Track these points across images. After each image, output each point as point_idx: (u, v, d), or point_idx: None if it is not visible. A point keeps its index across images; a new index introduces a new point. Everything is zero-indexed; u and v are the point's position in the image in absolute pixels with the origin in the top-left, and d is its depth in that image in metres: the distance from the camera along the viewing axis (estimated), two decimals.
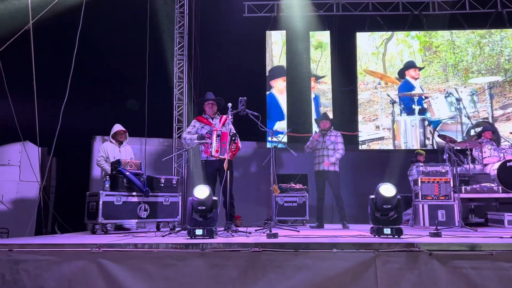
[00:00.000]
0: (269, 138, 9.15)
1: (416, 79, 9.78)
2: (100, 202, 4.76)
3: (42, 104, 6.14)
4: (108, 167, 5.82)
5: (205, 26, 9.76)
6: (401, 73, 9.87)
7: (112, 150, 5.97)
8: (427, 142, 9.52)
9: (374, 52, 10.03)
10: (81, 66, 6.10)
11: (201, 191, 3.87)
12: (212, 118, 5.40)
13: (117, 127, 6.06)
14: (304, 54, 10.07)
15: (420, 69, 9.81)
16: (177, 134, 9.16)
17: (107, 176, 5.06)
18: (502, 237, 3.65)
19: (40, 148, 7.62)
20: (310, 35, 10.10)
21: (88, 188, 9.28)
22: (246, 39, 9.85)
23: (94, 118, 8.68)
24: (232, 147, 4.81)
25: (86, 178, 9.35)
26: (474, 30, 9.84)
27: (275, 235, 3.65)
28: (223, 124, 5.25)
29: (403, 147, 9.53)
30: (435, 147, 9.25)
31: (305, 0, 9.81)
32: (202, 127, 5.32)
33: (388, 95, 9.79)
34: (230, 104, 4.82)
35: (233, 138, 4.78)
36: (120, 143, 6.03)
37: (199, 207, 3.87)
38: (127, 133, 6.08)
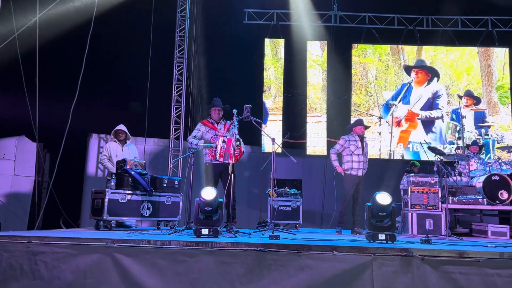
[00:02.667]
0: (266, 139, 9.40)
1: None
2: (106, 200, 4.92)
3: (42, 101, 6.27)
4: (110, 166, 5.98)
5: (205, 30, 9.98)
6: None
7: (114, 149, 6.13)
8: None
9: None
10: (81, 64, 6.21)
11: (209, 193, 4.07)
12: (217, 123, 5.62)
13: (118, 127, 6.22)
14: (300, 63, 10.37)
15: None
16: (174, 135, 9.34)
17: (113, 175, 5.22)
18: (487, 246, 3.93)
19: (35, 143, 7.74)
20: (308, 44, 10.38)
21: (82, 185, 9.40)
22: (245, 45, 10.10)
23: (91, 116, 8.80)
24: (236, 152, 5.02)
25: (81, 175, 9.46)
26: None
27: (278, 237, 3.87)
28: (228, 130, 5.46)
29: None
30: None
31: (304, 11, 10.11)
32: (207, 131, 5.54)
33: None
34: (235, 111, 5.04)
35: (237, 143, 5.00)
36: (122, 142, 6.19)
37: (205, 208, 4.08)
38: (127, 134, 6.22)
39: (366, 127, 6.57)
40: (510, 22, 10.10)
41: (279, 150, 6.40)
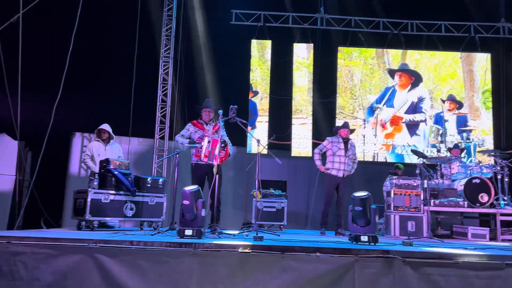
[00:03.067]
0: (252, 140, 9.42)
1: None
2: (88, 200, 4.86)
3: (24, 98, 6.15)
4: (93, 165, 5.91)
5: (192, 30, 9.94)
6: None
7: (97, 149, 6.06)
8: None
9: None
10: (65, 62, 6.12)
11: (191, 187, 4.09)
12: (207, 124, 5.62)
13: (101, 126, 6.15)
14: (286, 64, 10.40)
15: None
16: (159, 135, 9.29)
17: (96, 174, 5.16)
18: (466, 248, 4.00)
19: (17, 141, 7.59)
20: (294, 46, 10.42)
21: (64, 184, 9.26)
22: (231, 46, 10.10)
23: (75, 114, 8.69)
24: (222, 153, 5.02)
25: (63, 174, 9.32)
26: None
27: (261, 238, 3.88)
28: (216, 131, 5.45)
29: None
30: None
31: (291, 13, 10.18)
32: (195, 131, 5.54)
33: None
34: (221, 111, 5.03)
35: (222, 145, 4.99)
36: (106, 142, 6.12)
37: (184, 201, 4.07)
38: (110, 134, 6.15)
39: (351, 131, 6.66)
40: (492, 28, 10.32)
41: (265, 151, 6.42)
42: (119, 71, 8.67)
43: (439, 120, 10.13)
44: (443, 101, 10.24)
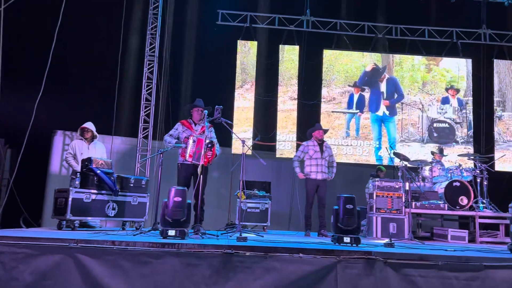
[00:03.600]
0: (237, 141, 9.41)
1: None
2: (70, 199, 4.78)
3: (5, 95, 6.03)
4: (75, 164, 5.82)
5: (178, 29, 9.89)
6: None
7: (80, 147, 5.98)
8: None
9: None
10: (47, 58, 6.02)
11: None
12: (196, 124, 5.59)
13: (84, 124, 6.06)
14: (272, 66, 10.42)
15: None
16: (143, 134, 9.20)
17: (78, 173, 5.09)
18: (446, 250, 4.07)
19: None
20: (280, 48, 10.43)
21: (45, 183, 9.10)
22: (217, 46, 10.08)
23: (57, 112, 8.55)
24: (208, 154, 5.00)
25: (44, 173, 9.16)
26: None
27: (245, 239, 3.88)
28: (203, 131, 5.41)
29: None
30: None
31: (277, 14, 10.22)
32: (183, 131, 5.51)
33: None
34: (206, 111, 5.02)
35: (208, 145, 4.97)
36: (89, 140, 6.04)
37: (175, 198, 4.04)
38: (93, 132, 6.07)
39: (325, 131, 6.72)
40: (473, 35, 10.52)
41: (249, 152, 6.42)
42: (103, 68, 8.57)
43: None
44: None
